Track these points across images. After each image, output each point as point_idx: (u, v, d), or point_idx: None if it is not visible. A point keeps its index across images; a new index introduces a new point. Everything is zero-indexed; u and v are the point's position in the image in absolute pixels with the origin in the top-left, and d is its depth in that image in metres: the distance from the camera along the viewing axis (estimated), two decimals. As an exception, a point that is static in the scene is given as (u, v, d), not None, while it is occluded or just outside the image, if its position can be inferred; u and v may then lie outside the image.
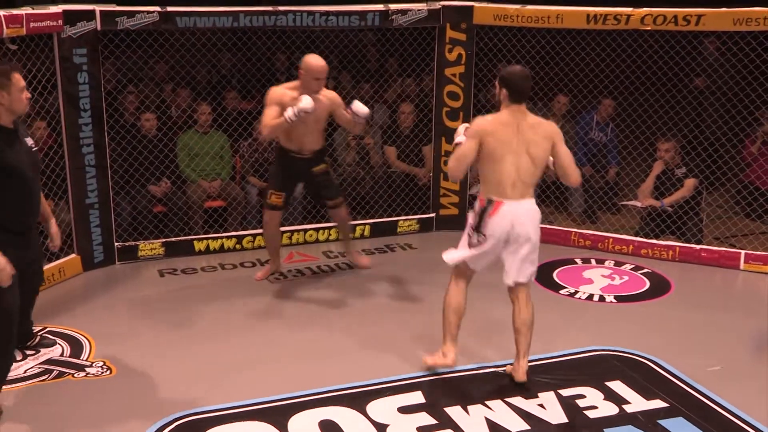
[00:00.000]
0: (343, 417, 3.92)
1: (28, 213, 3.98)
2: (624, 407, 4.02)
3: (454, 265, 4.23)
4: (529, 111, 4.07)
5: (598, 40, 6.34)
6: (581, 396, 4.12)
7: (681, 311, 5.31)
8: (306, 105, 4.87)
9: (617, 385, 4.22)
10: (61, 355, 4.56)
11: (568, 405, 4.03)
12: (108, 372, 4.38)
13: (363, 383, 4.24)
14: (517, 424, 3.87)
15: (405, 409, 3.99)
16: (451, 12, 6.43)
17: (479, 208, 4.04)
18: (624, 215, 6.87)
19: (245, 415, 3.94)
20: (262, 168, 6.66)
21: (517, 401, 4.04)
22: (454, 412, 3.96)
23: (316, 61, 5.10)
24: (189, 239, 6.25)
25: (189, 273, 5.92)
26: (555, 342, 4.67)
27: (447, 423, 3.87)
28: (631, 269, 6.03)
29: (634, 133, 7.36)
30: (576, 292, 5.58)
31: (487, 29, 6.45)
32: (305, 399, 4.08)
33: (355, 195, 6.85)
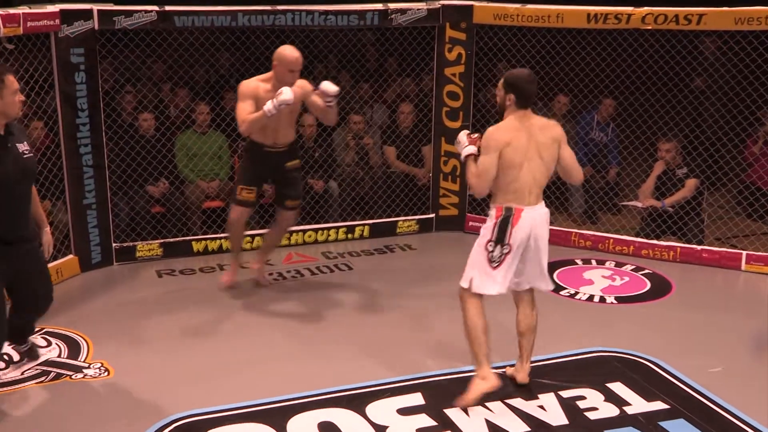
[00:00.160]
0: (343, 419, 3.91)
1: (8, 224, 3.76)
2: (625, 409, 4.00)
3: (465, 287, 3.96)
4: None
5: (598, 39, 6.32)
6: (582, 397, 4.10)
7: (682, 312, 5.28)
8: (287, 97, 4.73)
9: (618, 387, 4.20)
10: (59, 357, 4.54)
11: (568, 406, 4.01)
12: (106, 373, 4.37)
13: (362, 384, 4.21)
14: (518, 425, 3.85)
15: (404, 411, 3.97)
16: (451, 11, 6.41)
17: (498, 219, 3.87)
18: (625, 216, 6.85)
19: (244, 417, 3.92)
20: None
21: (518, 403, 4.02)
22: (453, 413, 3.94)
23: (290, 53, 4.92)
24: (187, 240, 6.23)
25: (187, 274, 5.89)
26: (555, 343, 4.64)
27: (447, 425, 3.85)
28: (632, 270, 6.00)
29: (634, 133, 7.35)
30: (576, 293, 5.56)
31: (487, 28, 6.44)
32: (304, 400, 4.06)
33: (355, 195, 6.83)
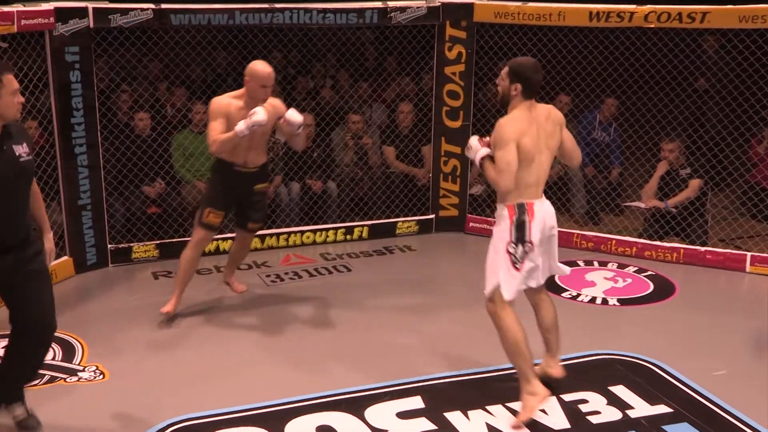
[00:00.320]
0: (341, 422, 3.87)
1: (2, 231, 3.55)
2: (628, 412, 3.96)
3: (491, 295, 3.86)
4: None
5: (600, 38, 6.28)
6: (584, 401, 4.06)
7: (686, 314, 5.24)
8: (260, 118, 4.59)
9: (621, 390, 4.16)
10: (53, 360, 4.48)
11: (570, 410, 3.97)
12: (101, 377, 4.33)
13: (361, 388, 4.17)
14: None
15: (404, 415, 3.94)
16: (451, 9, 6.36)
17: (514, 218, 3.76)
18: (627, 216, 6.82)
19: (241, 421, 3.88)
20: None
21: (519, 406, 3.95)
22: (454, 417, 3.90)
23: (262, 68, 4.75)
24: (184, 241, 6.12)
25: (184, 275, 5.84)
26: (557, 346, 4.58)
27: (447, 428, 3.82)
28: (635, 271, 5.95)
29: (637, 133, 7.31)
30: (578, 294, 5.51)
31: (488, 27, 6.39)
32: (302, 404, 4.02)
33: (353, 196, 6.78)
